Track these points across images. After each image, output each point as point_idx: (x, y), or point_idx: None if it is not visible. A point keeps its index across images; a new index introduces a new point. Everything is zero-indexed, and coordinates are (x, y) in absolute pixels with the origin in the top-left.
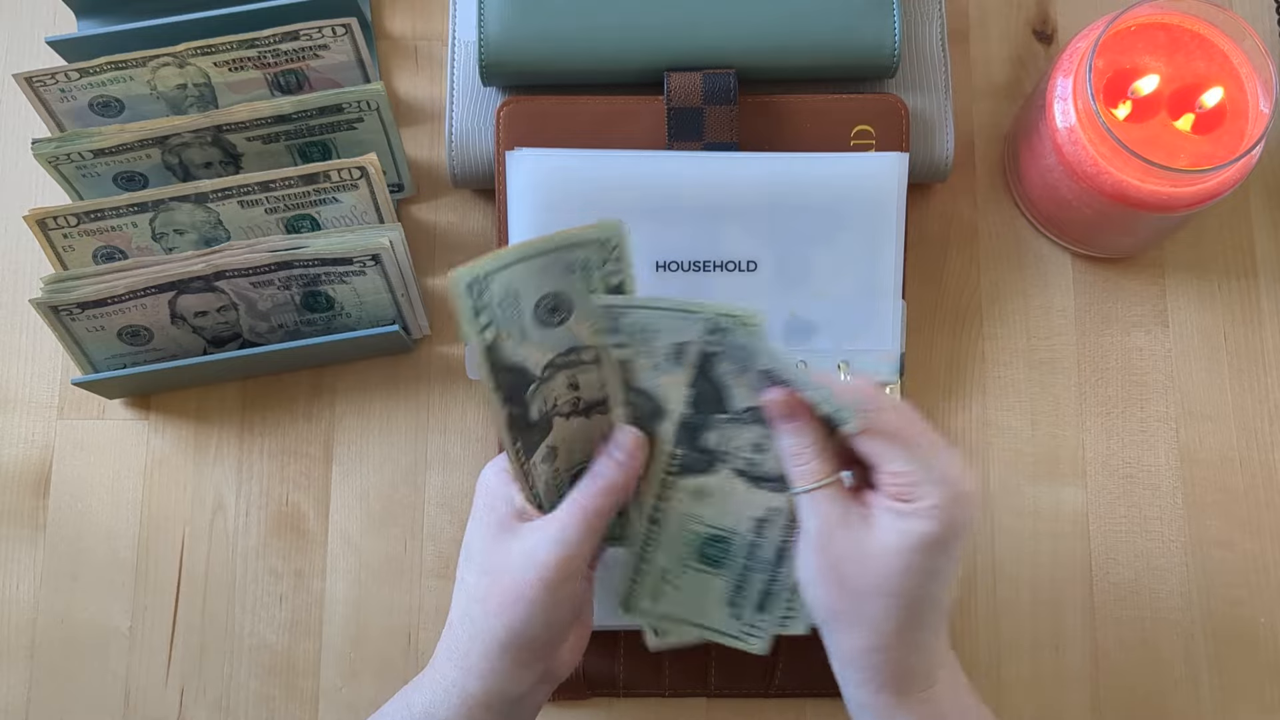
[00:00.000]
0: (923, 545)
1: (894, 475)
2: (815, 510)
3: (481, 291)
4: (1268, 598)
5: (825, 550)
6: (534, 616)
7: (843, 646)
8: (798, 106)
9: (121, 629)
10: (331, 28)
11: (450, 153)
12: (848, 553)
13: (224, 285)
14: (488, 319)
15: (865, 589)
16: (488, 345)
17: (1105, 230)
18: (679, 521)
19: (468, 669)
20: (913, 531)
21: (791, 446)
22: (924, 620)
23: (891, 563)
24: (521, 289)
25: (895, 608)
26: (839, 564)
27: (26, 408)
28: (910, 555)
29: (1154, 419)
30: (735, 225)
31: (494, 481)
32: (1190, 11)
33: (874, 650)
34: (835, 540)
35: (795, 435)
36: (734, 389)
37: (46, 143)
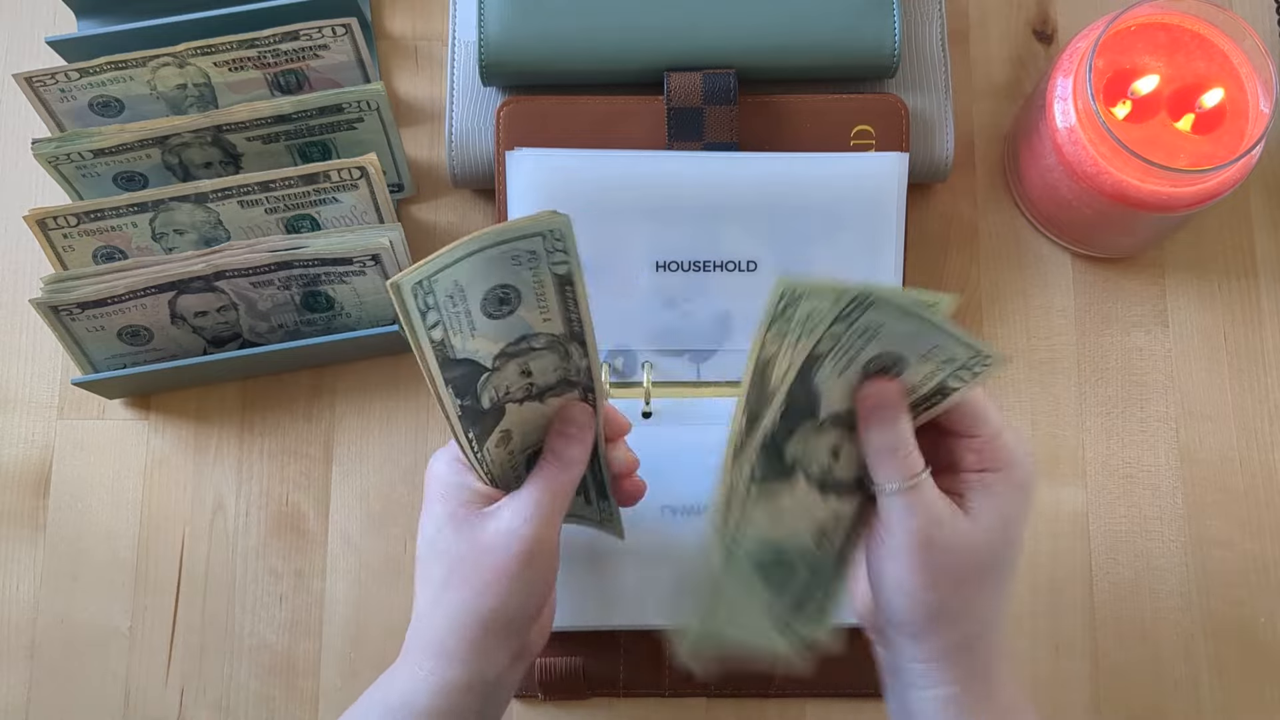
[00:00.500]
0: (1017, 512)
1: (989, 440)
2: (914, 508)
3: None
4: (1268, 598)
5: (930, 546)
6: (516, 592)
7: (936, 645)
8: (798, 106)
9: (121, 629)
10: (331, 28)
11: (450, 153)
12: (952, 544)
13: (224, 285)
14: (435, 318)
15: (968, 579)
16: (435, 343)
17: (1105, 230)
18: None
19: (445, 655)
20: (1010, 503)
21: (889, 441)
22: (1007, 595)
23: (994, 540)
24: (467, 284)
25: (996, 586)
26: (944, 559)
27: (26, 408)
28: (1009, 529)
29: (1154, 419)
30: (735, 225)
31: (445, 471)
32: (1190, 11)
33: (974, 639)
34: (940, 533)
35: (894, 426)
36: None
37: (46, 143)
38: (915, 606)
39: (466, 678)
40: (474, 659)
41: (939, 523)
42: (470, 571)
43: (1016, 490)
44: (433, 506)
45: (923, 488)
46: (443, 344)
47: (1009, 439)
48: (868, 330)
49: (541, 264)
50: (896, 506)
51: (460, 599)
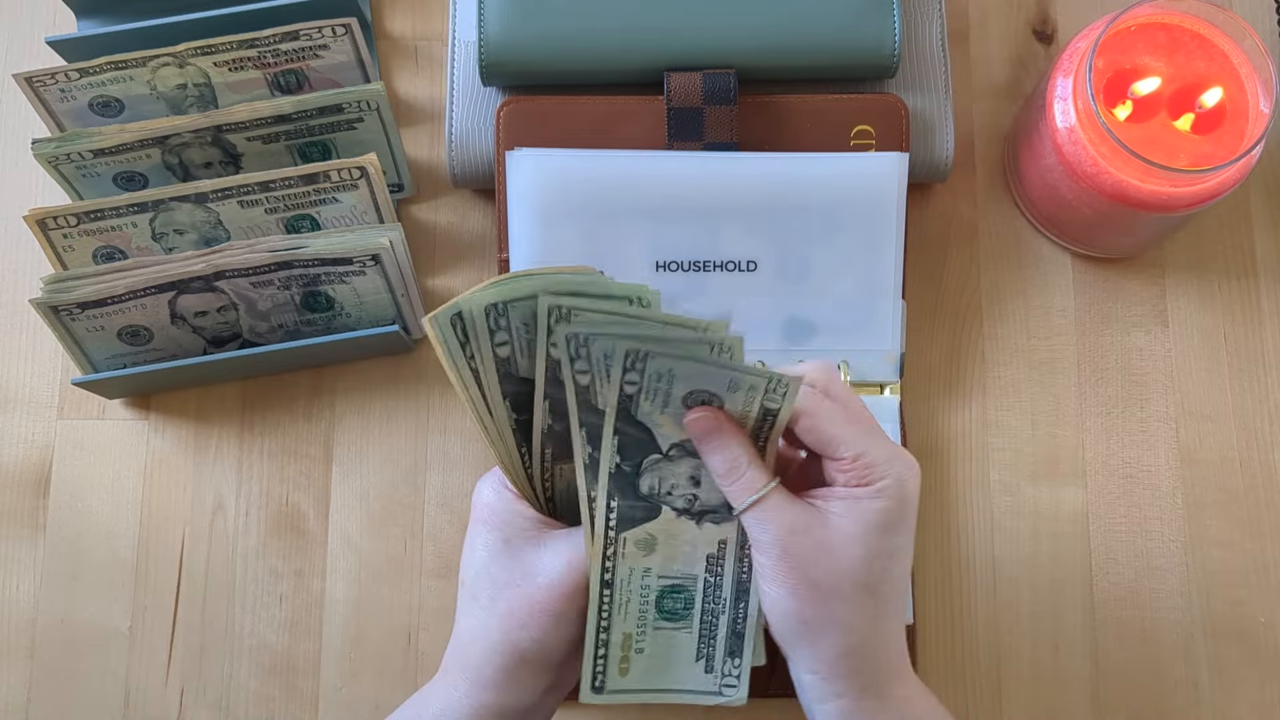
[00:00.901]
0: (884, 524)
1: (851, 460)
2: (767, 520)
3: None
4: (1268, 598)
5: (787, 555)
6: (557, 629)
7: (818, 658)
8: (798, 106)
9: (121, 629)
10: (331, 28)
11: (450, 153)
12: (810, 554)
13: (224, 285)
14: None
15: (835, 587)
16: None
17: (1105, 230)
18: (632, 579)
19: (481, 681)
20: (872, 512)
21: (724, 462)
22: (893, 607)
23: (856, 551)
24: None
25: (866, 599)
26: (804, 568)
27: (26, 408)
28: (873, 538)
29: (1154, 419)
30: (735, 225)
31: (494, 499)
32: (1190, 11)
33: (851, 651)
34: (795, 542)
35: (725, 449)
36: (659, 426)
37: (46, 143)
38: (785, 617)
39: (500, 704)
40: (509, 687)
41: (793, 530)
42: (516, 601)
43: (882, 502)
44: (482, 531)
45: (770, 500)
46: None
47: (874, 455)
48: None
49: (757, 397)
50: (751, 523)
51: (502, 628)
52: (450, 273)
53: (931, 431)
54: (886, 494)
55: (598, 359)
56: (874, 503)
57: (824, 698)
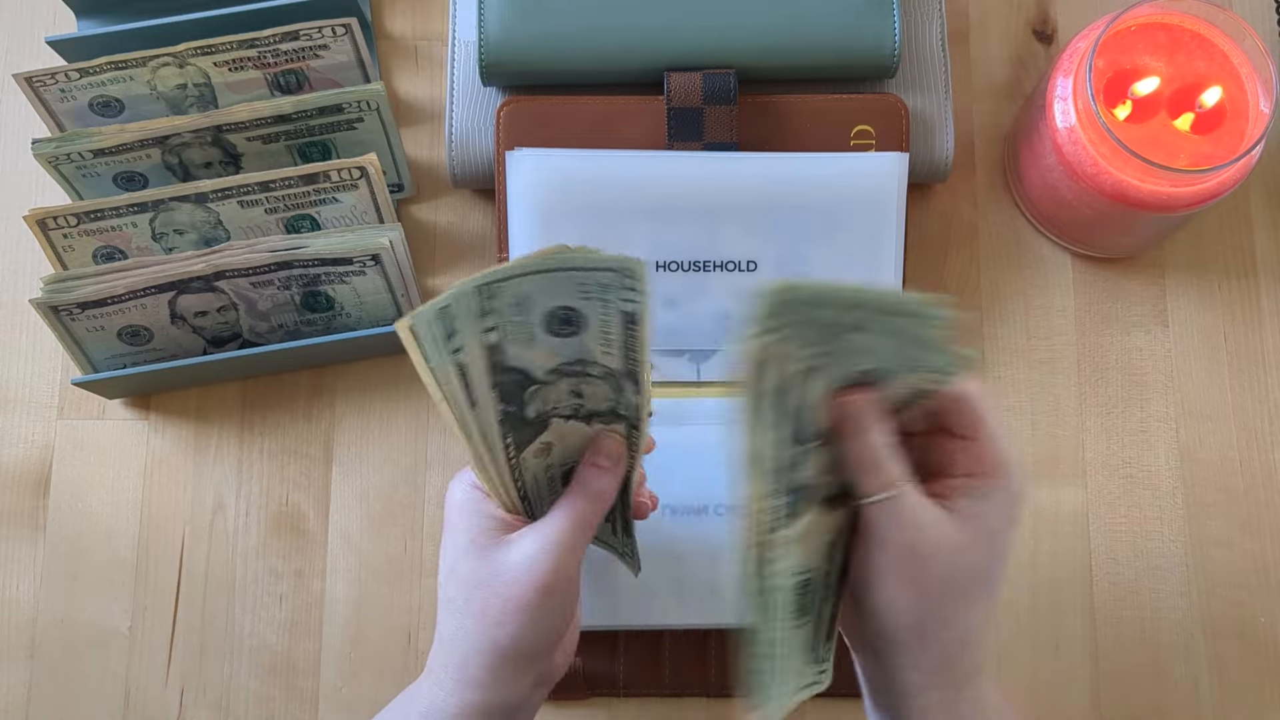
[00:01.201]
0: (1008, 519)
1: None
2: (901, 518)
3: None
4: (1268, 597)
5: (916, 558)
6: (535, 623)
7: (928, 654)
8: (798, 106)
9: (121, 629)
10: (331, 28)
11: (450, 153)
12: (938, 551)
13: (224, 285)
14: (494, 322)
15: (963, 587)
16: (490, 345)
17: (1105, 230)
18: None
19: (466, 680)
20: (999, 506)
21: (864, 452)
22: (995, 601)
23: (980, 548)
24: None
25: (987, 595)
26: (927, 571)
27: (26, 408)
28: (996, 537)
29: (1154, 419)
30: (735, 225)
31: (463, 498)
32: (1190, 11)
33: (962, 646)
34: (923, 540)
35: (867, 438)
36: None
37: (46, 143)
38: (904, 617)
39: (486, 702)
40: (494, 685)
41: (921, 528)
42: (490, 600)
43: (1005, 499)
44: (454, 533)
45: (903, 497)
46: (496, 347)
47: (1003, 446)
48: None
49: (611, 297)
50: (879, 517)
51: (479, 627)
52: (450, 273)
53: None
54: (1008, 493)
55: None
56: (999, 502)
57: (922, 691)
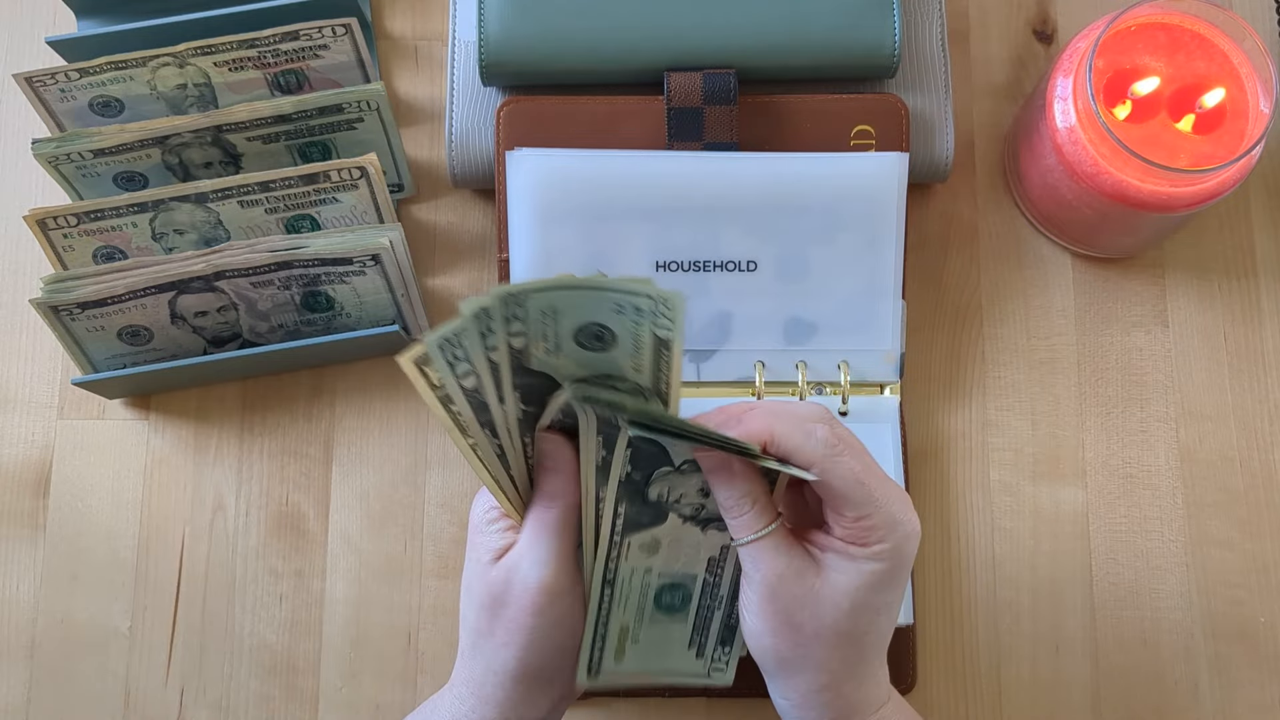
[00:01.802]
0: (876, 584)
1: (854, 520)
2: (760, 560)
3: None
4: (1268, 597)
5: (774, 598)
6: (534, 643)
7: (792, 689)
8: (798, 106)
9: (121, 629)
10: (331, 28)
11: (450, 153)
12: (797, 598)
13: (224, 285)
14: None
15: (817, 632)
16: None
17: (1105, 230)
18: (633, 577)
19: (484, 698)
20: (865, 572)
21: (728, 499)
22: (871, 654)
23: (843, 604)
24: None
25: (847, 646)
26: (789, 610)
27: (26, 408)
28: (863, 594)
29: (1154, 419)
30: (735, 225)
31: (477, 519)
32: (1190, 11)
33: (824, 689)
34: (784, 587)
35: (730, 487)
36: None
37: (46, 143)
38: (762, 650)
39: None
40: (510, 704)
41: (782, 577)
42: (493, 620)
43: (877, 565)
44: (470, 552)
45: (767, 543)
46: (523, 352)
47: (877, 519)
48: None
49: (644, 321)
50: (745, 557)
51: (491, 649)
52: (450, 273)
53: (931, 431)
54: (882, 557)
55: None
56: (869, 564)
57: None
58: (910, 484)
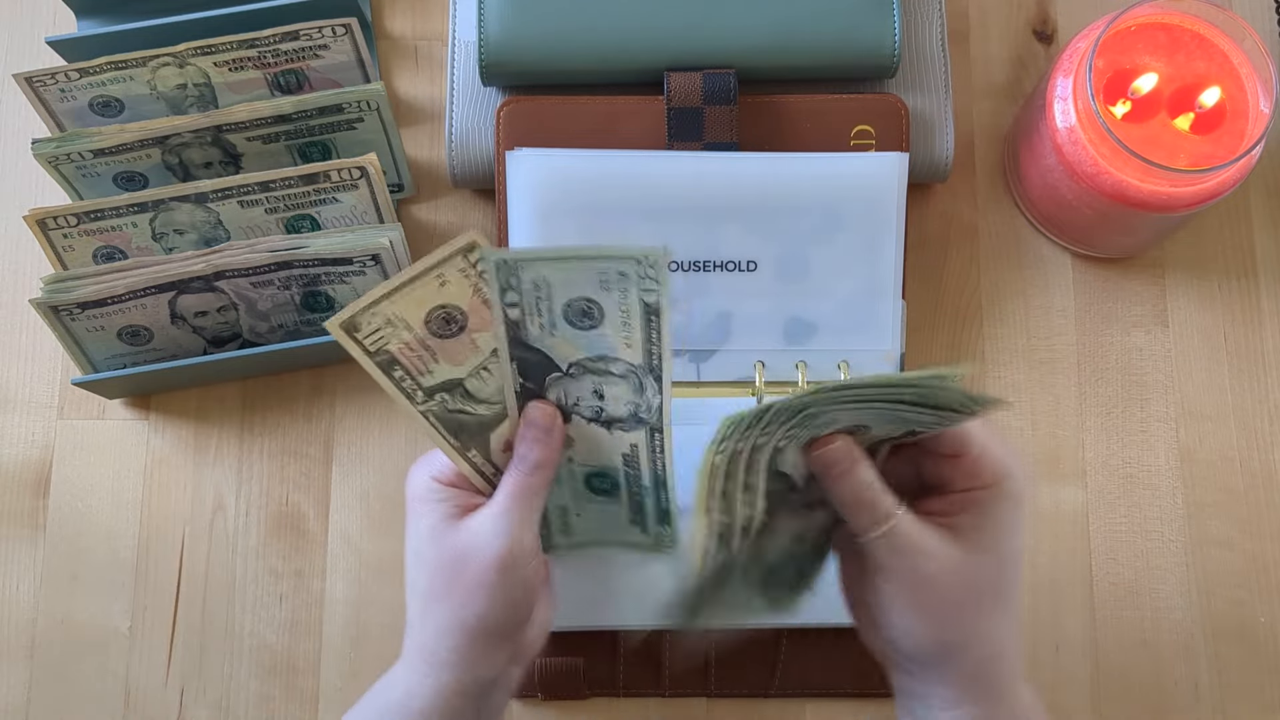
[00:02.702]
0: (1013, 527)
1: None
2: (897, 550)
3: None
4: (1268, 598)
5: (921, 584)
6: (495, 600)
7: (954, 673)
8: (798, 106)
9: (121, 629)
10: (331, 28)
11: (450, 153)
12: (946, 575)
13: (224, 285)
14: (514, 298)
15: (976, 604)
16: (511, 320)
17: (1105, 230)
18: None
19: (438, 662)
20: (1003, 517)
21: (850, 494)
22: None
23: (990, 561)
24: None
25: (1003, 607)
26: (942, 592)
27: (26, 408)
28: (1006, 545)
29: (1154, 419)
30: (735, 225)
31: (423, 488)
32: (1190, 11)
33: (987, 661)
34: (930, 567)
35: (851, 480)
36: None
37: (46, 143)
38: (924, 641)
39: (460, 682)
40: (466, 665)
41: (927, 556)
42: (451, 581)
43: (1007, 504)
44: (415, 520)
45: (899, 528)
46: (517, 323)
47: (995, 452)
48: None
49: (631, 288)
50: (880, 551)
51: (444, 609)
52: None
53: None
54: (1010, 496)
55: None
56: (1001, 508)
57: (953, 705)
58: None
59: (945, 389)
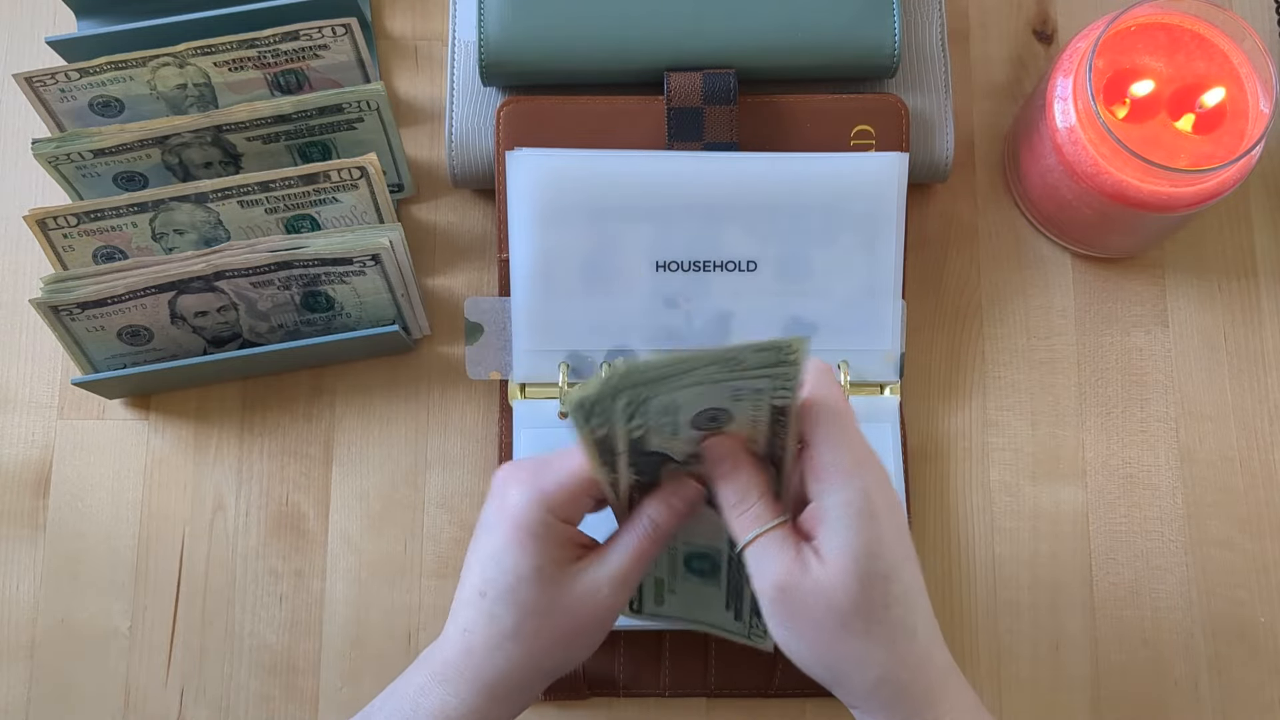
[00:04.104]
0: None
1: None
2: (765, 560)
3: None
4: (1268, 597)
5: (788, 600)
6: (581, 650)
7: (850, 692)
8: (798, 106)
9: (121, 629)
10: (331, 28)
11: (450, 153)
12: (808, 591)
13: (224, 285)
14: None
15: (840, 624)
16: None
17: (1105, 230)
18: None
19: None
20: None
21: (731, 493)
22: (908, 626)
23: (849, 582)
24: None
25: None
26: (803, 611)
27: (26, 408)
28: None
29: (1154, 419)
30: (735, 225)
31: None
32: (1190, 11)
33: (881, 683)
34: (793, 582)
35: (734, 481)
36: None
37: (46, 143)
38: (801, 659)
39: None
40: (517, 700)
41: (789, 572)
42: (547, 630)
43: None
44: (512, 549)
45: (770, 540)
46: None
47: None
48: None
49: (764, 399)
50: (752, 561)
51: (528, 652)
52: (450, 273)
53: (931, 431)
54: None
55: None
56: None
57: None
58: (910, 484)
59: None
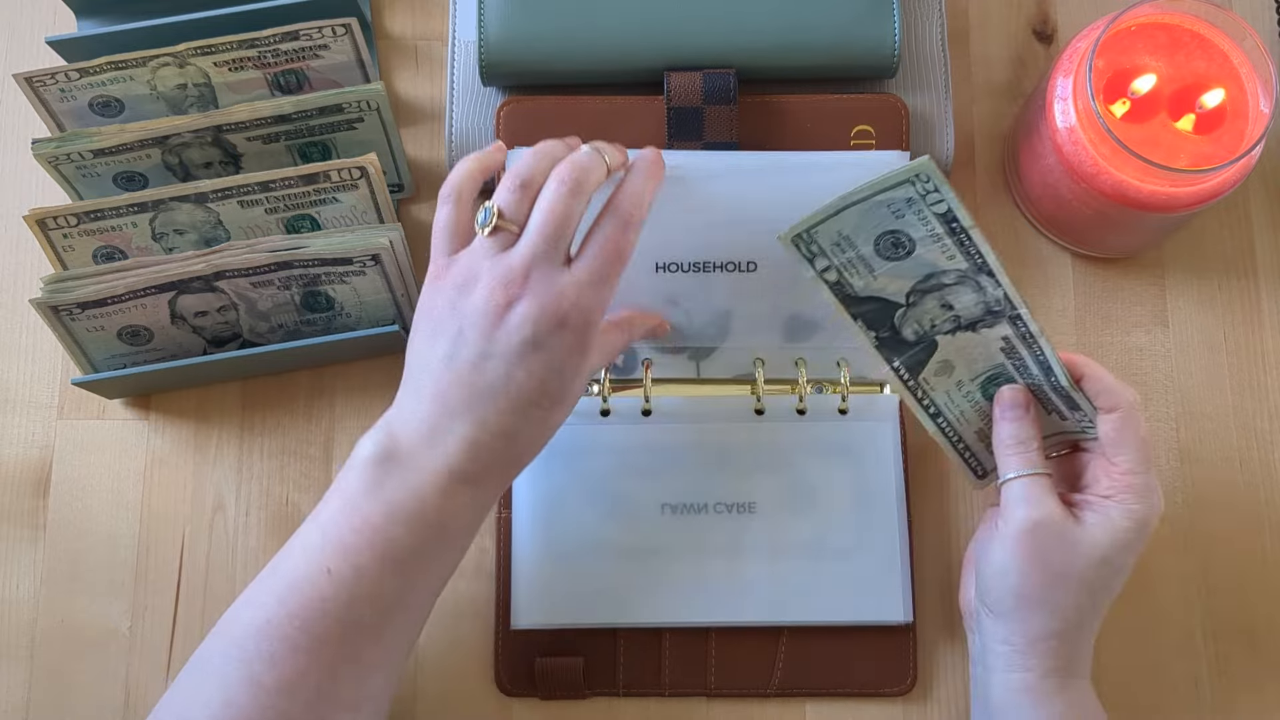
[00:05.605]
0: (1124, 543)
1: (1124, 473)
2: (1026, 499)
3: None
4: (1268, 598)
5: (1033, 537)
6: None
7: (1021, 632)
8: (798, 106)
9: (121, 629)
10: (331, 28)
11: (450, 153)
12: (1055, 540)
13: (224, 285)
14: (825, 263)
15: (1066, 574)
16: (832, 283)
17: (1105, 230)
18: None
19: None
20: (1119, 529)
21: (1015, 434)
22: (1100, 611)
23: (1094, 554)
24: (852, 234)
25: (1086, 596)
26: (1045, 550)
27: (26, 408)
28: (1113, 550)
29: (1154, 419)
30: (735, 225)
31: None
32: (1190, 11)
33: (1054, 635)
34: (1043, 528)
35: (1018, 425)
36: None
37: (46, 143)
38: (1008, 588)
39: None
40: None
41: (1047, 515)
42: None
43: (1129, 522)
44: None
45: (1039, 483)
46: (839, 284)
47: (1140, 480)
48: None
49: (923, 208)
50: (1013, 492)
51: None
52: None
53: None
54: (1134, 518)
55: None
56: (1124, 522)
57: (1011, 667)
58: (910, 483)
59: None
